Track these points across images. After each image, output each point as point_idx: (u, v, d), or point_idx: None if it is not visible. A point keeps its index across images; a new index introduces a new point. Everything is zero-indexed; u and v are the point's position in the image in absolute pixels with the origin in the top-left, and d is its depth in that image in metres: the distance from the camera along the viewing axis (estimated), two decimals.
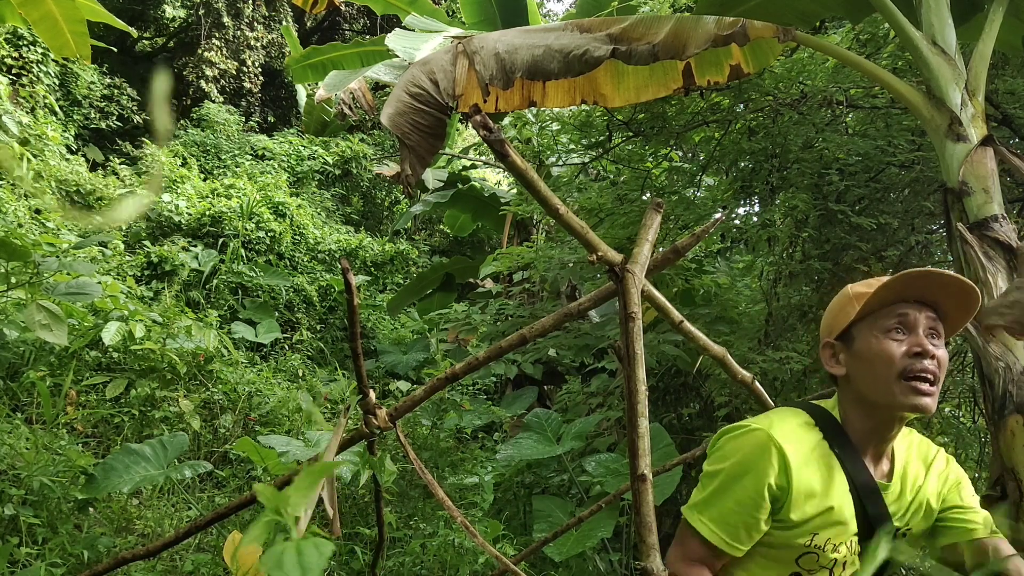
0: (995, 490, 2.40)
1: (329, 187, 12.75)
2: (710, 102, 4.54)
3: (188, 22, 14.04)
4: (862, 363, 1.41)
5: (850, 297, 1.46)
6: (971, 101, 2.79)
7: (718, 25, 3.12)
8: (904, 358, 1.36)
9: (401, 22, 5.67)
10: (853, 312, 1.43)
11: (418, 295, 9.60)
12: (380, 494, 1.91)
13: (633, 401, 1.34)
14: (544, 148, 6.31)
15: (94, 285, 4.59)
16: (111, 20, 4.48)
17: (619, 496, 3.06)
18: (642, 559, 1.20)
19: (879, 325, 1.40)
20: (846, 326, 1.45)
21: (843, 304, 1.48)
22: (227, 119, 12.81)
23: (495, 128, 1.26)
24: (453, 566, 3.91)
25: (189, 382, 5.67)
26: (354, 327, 1.59)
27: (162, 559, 3.82)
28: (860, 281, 1.50)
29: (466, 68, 3.24)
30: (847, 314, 1.45)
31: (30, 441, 4.16)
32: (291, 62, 8.02)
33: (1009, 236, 2.56)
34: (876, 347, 1.39)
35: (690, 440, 4.84)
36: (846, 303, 1.47)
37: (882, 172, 4.04)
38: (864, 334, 1.42)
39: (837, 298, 1.51)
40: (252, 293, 8.77)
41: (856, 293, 1.45)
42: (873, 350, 1.39)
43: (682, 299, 5.17)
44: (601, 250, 1.49)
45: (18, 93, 8.67)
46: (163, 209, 9.04)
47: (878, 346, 1.38)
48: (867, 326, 1.42)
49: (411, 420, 5.35)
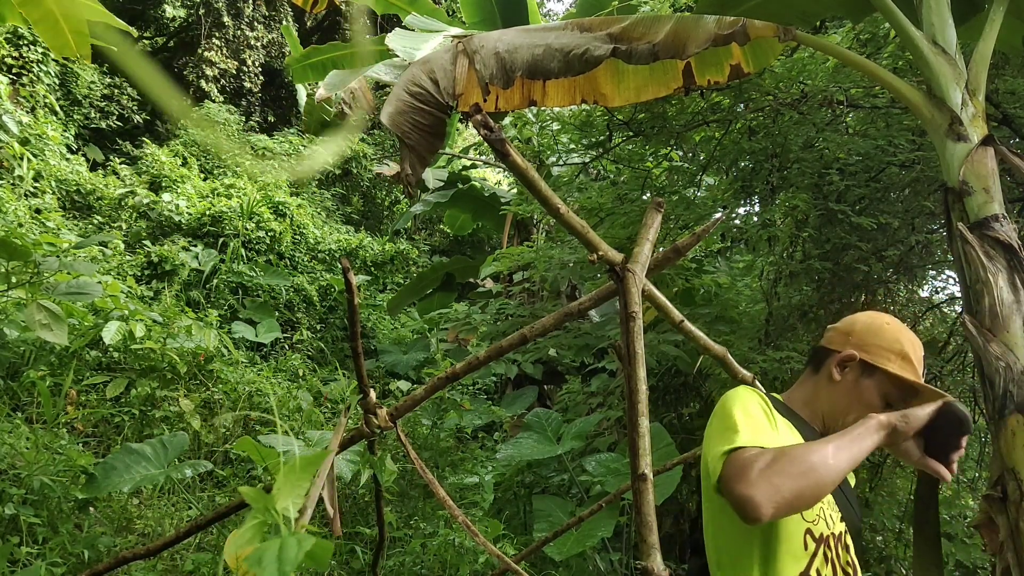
0: (996, 490, 2.40)
1: (329, 187, 12.75)
2: (710, 102, 4.54)
3: (188, 22, 14.03)
4: (855, 395, 1.55)
5: (901, 353, 1.54)
6: (972, 101, 2.79)
7: (718, 24, 3.11)
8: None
9: (401, 22, 5.67)
10: (893, 367, 1.53)
11: (418, 295, 9.60)
12: (380, 493, 1.91)
13: (634, 400, 1.34)
14: (544, 148, 6.31)
15: (94, 285, 4.59)
16: (111, 20, 4.47)
17: (619, 496, 3.07)
18: (643, 558, 1.20)
19: (890, 392, 1.53)
20: (876, 364, 1.54)
21: (893, 349, 1.54)
22: (227, 119, 12.81)
23: (496, 127, 1.26)
24: (453, 565, 3.92)
25: (189, 382, 5.67)
26: (354, 327, 1.59)
27: (162, 558, 3.82)
28: (910, 334, 1.58)
29: (466, 67, 3.24)
30: (888, 360, 1.54)
31: (30, 441, 4.16)
32: (291, 62, 8.02)
33: (1010, 236, 2.56)
34: (872, 400, 1.53)
35: (690, 440, 4.84)
36: (896, 352, 1.54)
37: (882, 172, 4.03)
38: (878, 383, 1.54)
39: (891, 335, 1.57)
40: (252, 293, 8.77)
41: (904, 354, 1.54)
42: (869, 398, 1.53)
43: (682, 299, 5.17)
44: (601, 249, 1.49)
45: (18, 92, 8.67)
46: (163, 209, 9.03)
47: (873, 401, 1.53)
48: (885, 382, 1.54)
49: (411, 420, 5.35)
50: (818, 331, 3.84)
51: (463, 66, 3.24)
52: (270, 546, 0.74)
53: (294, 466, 0.86)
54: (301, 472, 0.86)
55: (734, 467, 1.28)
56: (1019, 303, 2.49)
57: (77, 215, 8.58)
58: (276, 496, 0.83)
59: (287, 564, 0.72)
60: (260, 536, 0.81)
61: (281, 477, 0.85)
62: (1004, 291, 2.49)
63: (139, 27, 13.50)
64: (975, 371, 3.25)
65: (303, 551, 0.73)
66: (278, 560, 0.72)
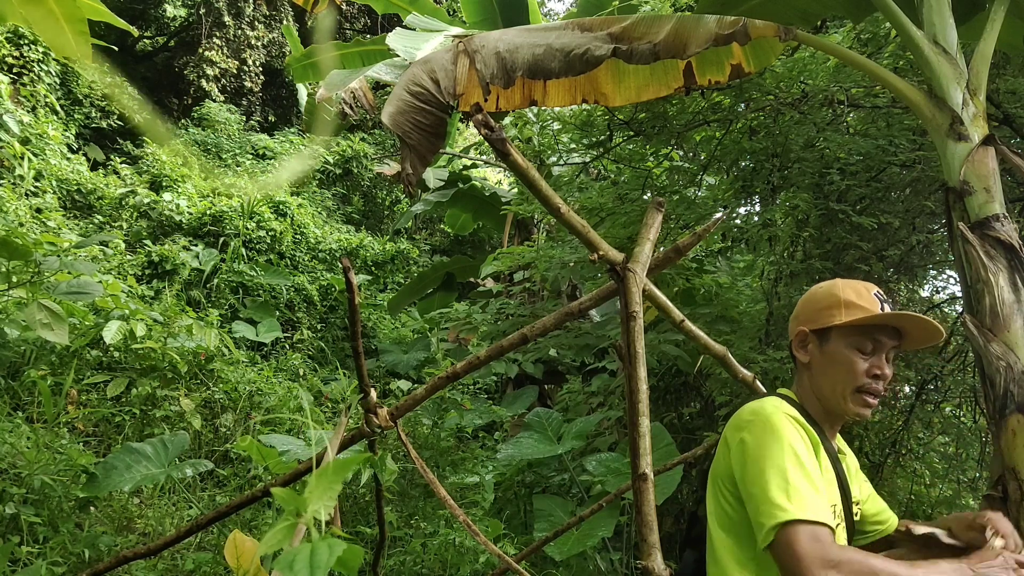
0: (996, 490, 2.40)
1: (330, 186, 12.75)
2: (711, 101, 4.53)
3: (189, 21, 14.04)
4: (828, 364, 1.55)
5: (840, 301, 1.54)
6: (972, 100, 2.79)
7: (719, 24, 3.11)
8: (864, 376, 1.52)
9: (402, 21, 5.68)
10: (838, 319, 1.53)
11: (419, 294, 9.60)
12: (381, 493, 1.91)
13: (634, 400, 1.34)
14: (545, 147, 6.30)
15: (95, 284, 4.59)
16: (112, 19, 4.47)
17: (620, 495, 3.07)
18: (643, 558, 1.20)
19: (854, 341, 1.53)
20: (824, 325, 1.55)
21: (830, 304, 1.56)
22: (228, 118, 12.81)
23: (496, 127, 1.26)
24: (454, 565, 3.92)
25: (190, 381, 5.67)
26: (355, 326, 1.59)
27: (163, 558, 3.82)
28: (849, 283, 1.57)
29: (467, 67, 3.24)
30: (832, 316, 1.54)
31: (31, 440, 4.16)
32: (292, 61, 8.03)
33: (1010, 235, 2.56)
34: (846, 358, 1.53)
35: (691, 439, 4.84)
36: (833, 304, 1.55)
37: (883, 171, 4.03)
38: (839, 341, 1.54)
39: (824, 292, 1.59)
40: (253, 292, 8.77)
41: (847, 301, 1.53)
42: (842, 359, 1.53)
43: (683, 298, 5.17)
44: (602, 249, 1.49)
45: (19, 92, 8.67)
46: (164, 208, 9.03)
47: (848, 358, 1.52)
48: (844, 335, 1.54)
49: (412, 419, 5.34)
50: None
51: (464, 66, 3.24)
52: (302, 550, 0.74)
53: (327, 469, 0.86)
54: (333, 476, 0.85)
55: (798, 548, 1.26)
56: (1020, 303, 2.49)
57: (78, 214, 8.59)
58: (308, 499, 0.82)
59: (319, 569, 0.71)
60: (291, 538, 0.81)
61: (314, 480, 0.84)
62: (1005, 291, 2.49)
63: (140, 27, 13.51)
64: (976, 371, 3.25)
65: (335, 556, 0.73)
66: (310, 565, 0.72)
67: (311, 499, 0.82)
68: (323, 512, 0.82)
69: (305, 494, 0.83)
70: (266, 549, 0.81)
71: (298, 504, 0.81)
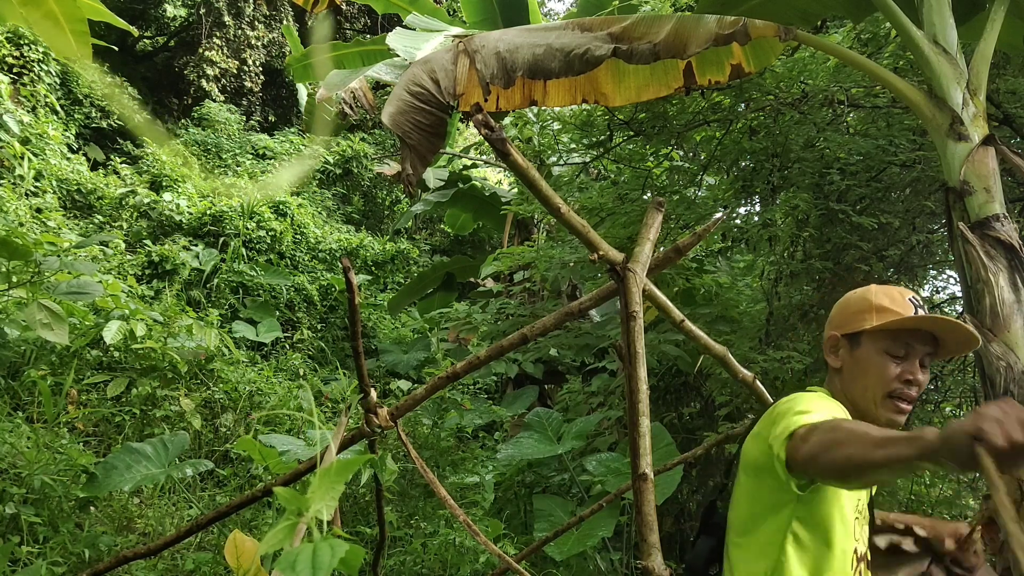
0: None
1: (330, 186, 12.74)
2: (711, 101, 4.53)
3: (189, 21, 14.03)
4: (860, 369, 1.53)
5: (872, 306, 1.53)
6: (972, 100, 2.79)
7: (719, 24, 3.11)
8: (896, 381, 1.49)
9: (402, 21, 5.68)
10: (870, 323, 1.51)
11: (419, 294, 9.60)
12: (381, 493, 1.91)
13: (634, 400, 1.34)
14: (545, 147, 6.30)
15: (95, 284, 4.59)
16: (112, 19, 4.48)
17: (620, 495, 3.07)
18: (643, 558, 1.20)
19: (886, 345, 1.51)
20: (855, 330, 1.53)
21: (863, 309, 1.54)
22: (228, 118, 12.80)
23: (497, 127, 1.26)
24: (454, 565, 3.92)
25: (190, 381, 5.67)
26: (355, 326, 1.59)
27: (163, 558, 3.82)
28: (883, 288, 1.57)
29: (467, 67, 3.24)
30: (864, 320, 1.53)
31: (31, 440, 4.16)
32: (292, 61, 8.03)
33: (1010, 235, 2.56)
34: (877, 363, 1.50)
35: (691, 439, 4.83)
36: (866, 310, 1.53)
37: (883, 171, 4.03)
38: (870, 345, 1.52)
39: (858, 297, 1.58)
40: (253, 292, 8.77)
41: (879, 306, 1.52)
42: (874, 364, 1.51)
43: (683, 298, 5.17)
44: (602, 249, 1.49)
45: (19, 92, 8.67)
46: (164, 208, 9.03)
47: (879, 363, 1.50)
48: (875, 339, 1.52)
49: (412, 419, 5.34)
50: (818, 331, 3.84)
51: (464, 66, 3.24)
52: (304, 550, 0.74)
53: (329, 469, 0.85)
54: (336, 476, 0.85)
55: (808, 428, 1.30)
56: (1020, 303, 2.49)
57: (78, 214, 8.59)
58: (311, 499, 0.82)
59: (321, 569, 0.71)
60: (292, 538, 0.81)
61: (317, 480, 0.84)
62: (1005, 291, 2.49)
63: (140, 27, 13.50)
64: (976, 371, 3.25)
65: (337, 557, 0.73)
66: (312, 565, 0.72)
67: (314, 499, 0.81)
68: (325, 512, 0.82)
69: (308, 493, 0.82)
70: (266, 549, 0.81)
71: (300, 504, 0.81)
